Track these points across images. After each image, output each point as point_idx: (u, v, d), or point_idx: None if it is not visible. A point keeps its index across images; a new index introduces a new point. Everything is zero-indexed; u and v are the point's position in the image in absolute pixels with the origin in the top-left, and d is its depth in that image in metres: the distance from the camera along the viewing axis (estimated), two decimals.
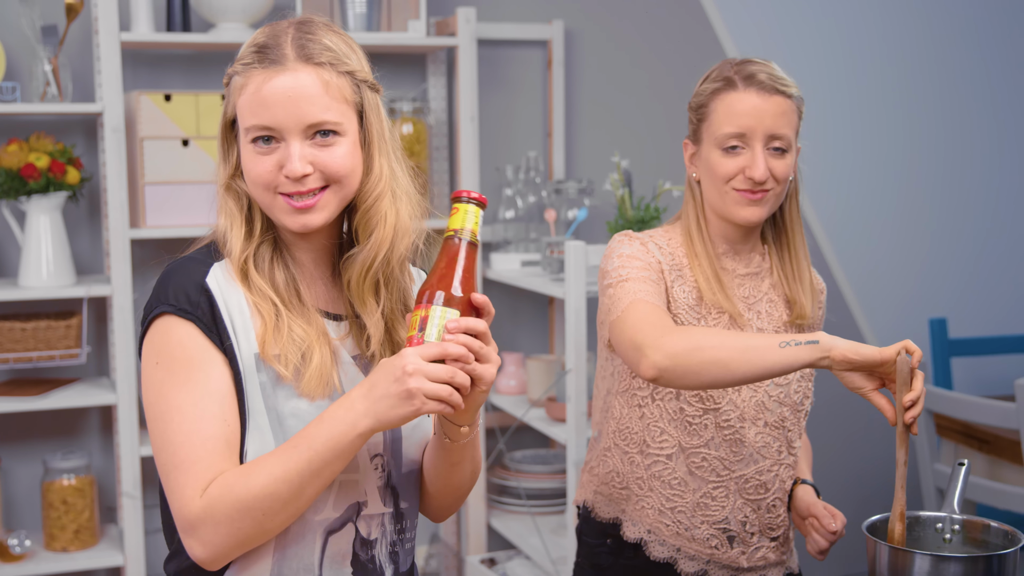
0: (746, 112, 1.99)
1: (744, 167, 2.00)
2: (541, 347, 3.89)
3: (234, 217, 1.62)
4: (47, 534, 3.27)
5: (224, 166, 1.63)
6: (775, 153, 2.00)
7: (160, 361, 1.55)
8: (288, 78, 1.55)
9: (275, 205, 1.58)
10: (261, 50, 1.57)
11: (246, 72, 1.57)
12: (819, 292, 2.20)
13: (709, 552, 2.09)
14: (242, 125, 1.58)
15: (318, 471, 1.49)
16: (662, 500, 2.08)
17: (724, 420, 2.05)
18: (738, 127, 2.00)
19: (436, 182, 3.72)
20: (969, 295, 4.32)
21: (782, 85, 2.00)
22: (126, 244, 3.20)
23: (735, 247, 2.10)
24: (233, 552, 1.53)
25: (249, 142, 1.57)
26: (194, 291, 1.56)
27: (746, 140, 2.00)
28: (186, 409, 1.52)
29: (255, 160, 1.57)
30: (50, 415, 3.43)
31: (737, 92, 2.01)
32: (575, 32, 3.86)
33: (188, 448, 1.51)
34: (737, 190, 2.02)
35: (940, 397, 3.26)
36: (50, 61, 3.20)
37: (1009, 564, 1.73)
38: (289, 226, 1.59)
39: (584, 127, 3.89)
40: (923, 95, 4.23)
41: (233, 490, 1.49)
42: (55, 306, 3.38)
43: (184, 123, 3.25)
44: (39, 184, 3.11)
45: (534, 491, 3.64)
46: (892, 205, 4.24)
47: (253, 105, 1.55)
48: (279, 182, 1.56)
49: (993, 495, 3.13)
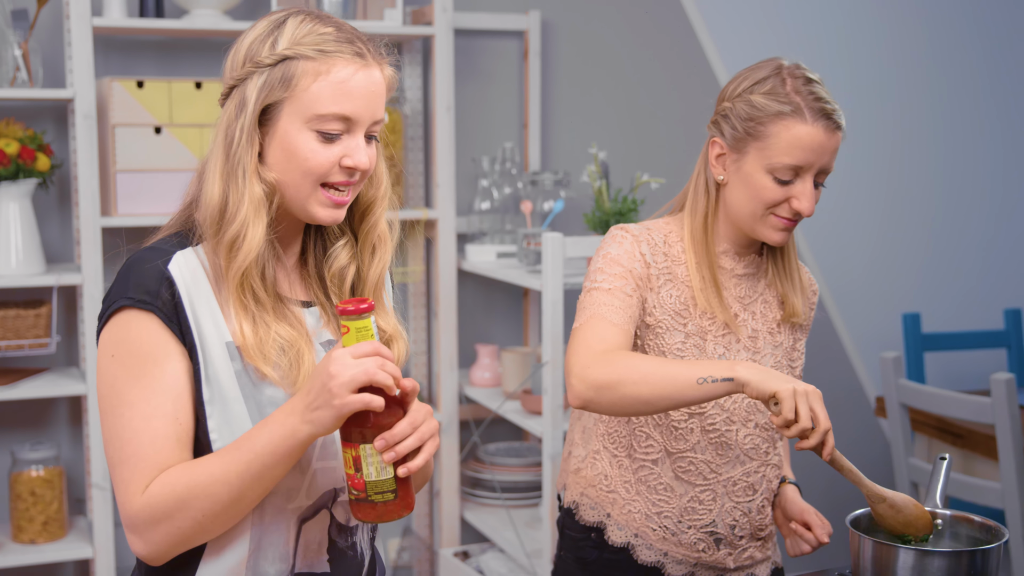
0: (812, 148, 1.92)
1: (791, 197, 1.95)
2: (516, 339, 3.87)
3: (261, 206, 1.56)
4: (15, 526, 3.23)
5: (248, 149, 1.55)
6: (817, 185, 1.96)
7: (116, 355, 1.53)
8: (374, 73, 1.57)
9: (313, 196, 1.57)
10: (344, 39, 1.56)
11: (324, 58, 1.54)
12: (812, 292, 2.19)
13: (696, 556, 2.07)
14: (313, 111, 1.54)
15: (259, 475, 1.48)
16: (648, 505, 2.06)
17: (710, 424, 2.03)
18: (799, 161, 1.92)
19: (411, 172, 3.69)
20: (942, 290, 4.34)
21: (839, 118, 1.94)
22: (97, 233, 3.16)
23: (737, 248, 2.08)
24: (173, 550, 1.53)
25: (312, 129, 1.54)
26: (154, 281, 1.53)
27: (801, 172, 1.94)
28: (138, 405, 1.51)
29: (314, 149, 1.55)
30: (18, 405, 3.38)
31: (806, 125, 1.92)
32: (552, 23, 3.84)
33: (135, 444, 1.50)
34: (778, 216, 1.97)
35: (915, 392, 3.26)
36: (20, 46, 3.15)
37: (992, 559, 1.73)
38: (320, 218, 1.58)
39: (560, 118, 3.87)
40: (896, 93, 4.24)
41: (174, 489, 1.48)
42: (24, 295, 3.33)
43: (157, 110, 3.21)
44: (8, 171, 3.06)
45: (508, 484, 3.62)
46: (865, 201, 4.24)
47: (336, 94, 1.54)
48: (331, 173, 1.56)
49: (967, 490, 3.13)
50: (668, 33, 3.94)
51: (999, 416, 2.99)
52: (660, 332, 2.01)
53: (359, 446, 1.48)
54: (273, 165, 1.57)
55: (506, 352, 3.46)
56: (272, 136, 1.56)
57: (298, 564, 1.62)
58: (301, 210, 1.59)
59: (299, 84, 1.54)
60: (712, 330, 2.04)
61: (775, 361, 2.08)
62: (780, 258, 2.10)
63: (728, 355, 2.04)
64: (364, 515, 1.51)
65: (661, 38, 3.94)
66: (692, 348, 2.02)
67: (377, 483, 1.48)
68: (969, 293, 4.38)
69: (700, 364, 1.82)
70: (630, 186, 3.49)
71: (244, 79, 1.56)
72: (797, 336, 2.14)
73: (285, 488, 1.58)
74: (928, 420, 3.42)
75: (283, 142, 1.55)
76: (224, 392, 1.54)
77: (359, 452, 1.48)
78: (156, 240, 1.61)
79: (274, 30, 1.57)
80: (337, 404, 1.44)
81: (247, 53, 1.57)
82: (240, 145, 1.55)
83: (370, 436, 1.47)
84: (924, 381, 3.93)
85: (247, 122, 1.55)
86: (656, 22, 3.94)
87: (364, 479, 1.48)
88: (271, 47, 1.56)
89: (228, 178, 1.56)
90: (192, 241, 1.60)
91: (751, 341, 2.06)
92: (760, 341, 2.07)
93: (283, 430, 1.46)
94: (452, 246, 3.56)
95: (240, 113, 1.56)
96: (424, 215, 3.53)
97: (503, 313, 3.86)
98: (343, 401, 1.44)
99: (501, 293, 3.85)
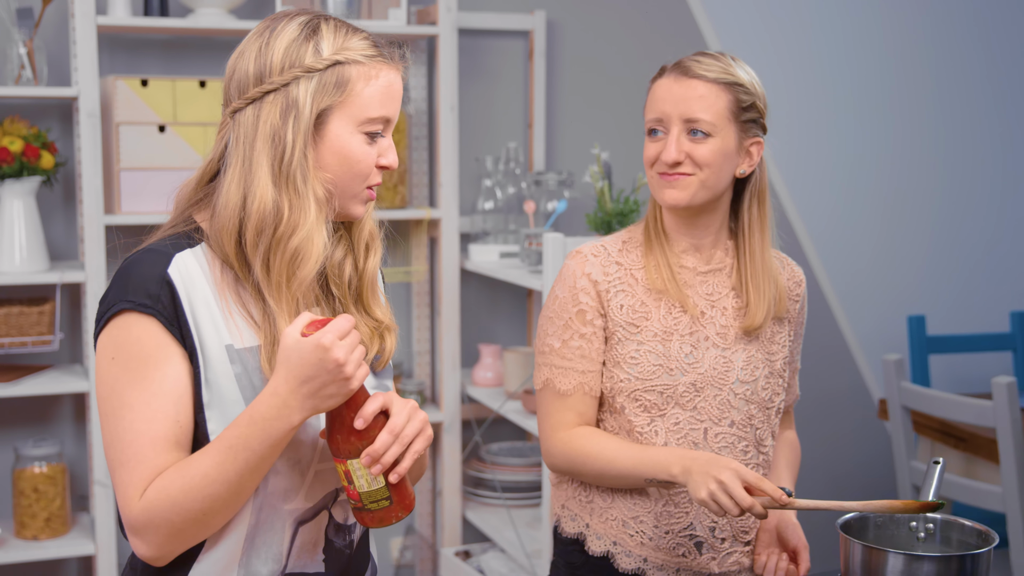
0: (662, 97, 2.01)
1: (662, 151, 2.01)
2: (519, 339, 3.87)
3: (322, 212, 1.58)
4: (18, 522, 3.24)
5: (307, 154, 1.56)
6: (695, 137, 1.99)
7: (116, 357, 1.52)
8: (399, 77, 1.63)
9: (360, 195, 1.62)
10: (376, 45, 1.61)
11: (371, 63, 1.58)
12: (795, 285, 2.16)
13: (677, 561, 2.05)
14: (365, 115, 1.58)
15: (256, 468, 1.49)
16: (624, 511, 2.06)
17: (673, 424, 2.02)
18: (656, 112, 2.02)
19: (415, 171, 3.70)
20: (948, 292, 4.32)
21: (704, 69, 1.99)
22: (100, 230, 3.17)
23: (696, 243, 2.07)
24: (178, 549, 1.54)
25: (363, 132, 1.58)
26: (154, 284, 1.53)
27: (664, 124, 2.01)
28: (138, 407, 1.51)
29: (363, 150, 1.59)
30: (22, 402, 3.39)
31: (660, 79, 2.04)
32: (557, 23, 3.84)
33: (136, 447, 1.51)
34: (659, 174, 2.02)
35: (917, 394, 3.25)
36: (25, 44, 3.16)
37: (982, 563, 1.72)
38: (358, 215, 1.64)
39: (565, 119, 3.87)
40: (906, 93, 4.23)
41: (169, 493, 1.49)
42: (28, 292, 3.34)
43: (161, 109, 3.22)
44: (12, 168, 3.08)
45: (510, 484, 3.63)
46: (873, 203, 4.23)
47: (384, 97, 1.59)
48: (372, 173, 1.61)
49: (969, 493, 3.12)
50: (674, 33, 3.94)
51: (1000, 420, 2.98)
52: (614, 343, 2.04)
53: (346, 461, 1.50)
54: (325, 169, 1.58)
55: (508, 352, 3.46)
56: (322, 140, 1.57)
57: (291, 564, 1.62)
58: (344, 210, 1.62)
59: (353, 89, 1.57)
60: (678, 330, 2.03)
61: (748, 356, 2.05)
62: (745, 260, 2.08)
63: (696, 353, 2.03)
64: (366, 522, 1.55)
65: (667, 38, 3.93)
66: (648, 354, 2.01)
67: (370, 493, 1.52)
68: (975, 295, 4.36)
69: (644, 462, 1.96)
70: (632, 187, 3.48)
71: (288, 84, 1.55)
72: (776, 329, 2.11)
73: (282, 489, 1.58)
74: (931, 423, 3.41)
75: (335, 146, 1.57)
76: (224, 395, 1.54)
77: (348, 467, 1.51)
78: (154, 241, 1.60)
79: (311, 35, 1.57)
80: (355, 386, 1.48)
81: (285, 57, 1.56)
82: (296, 150, 1.55)
83: (355, 451, 1.50)
84: (929, 383, 3.92)
85: (304, 126, 1.55)
86: (662, 23, 3.93)
87: (357, 491, 1.52)
88: (315, 52, 1.56)
89: (283, 186, 1.55)
90: (192, 241, 1.59)
91: (720, 338, 2.05)
92: (730, 338, 2.05)
93: (280, 424, 1.47)
94: (455, 246, 3.56)
95: (290, 117, 1.54)
96: (428, 214, 3.53)
97: (507, 313, 3.86)
98: (358, 382, 1.48)
99: (505, 293, 3.85)
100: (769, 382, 2.08)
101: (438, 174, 3.56)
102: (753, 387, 2.06)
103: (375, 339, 1.69)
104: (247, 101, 1.57)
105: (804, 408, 3.75)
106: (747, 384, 2.05)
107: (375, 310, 1.70)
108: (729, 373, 2.04)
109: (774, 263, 2.10)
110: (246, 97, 1.57)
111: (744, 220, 2.08)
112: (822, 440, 4.13)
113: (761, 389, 2.07)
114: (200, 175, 1.63)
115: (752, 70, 2.05)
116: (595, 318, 2.04)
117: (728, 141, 1.99)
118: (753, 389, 2.06)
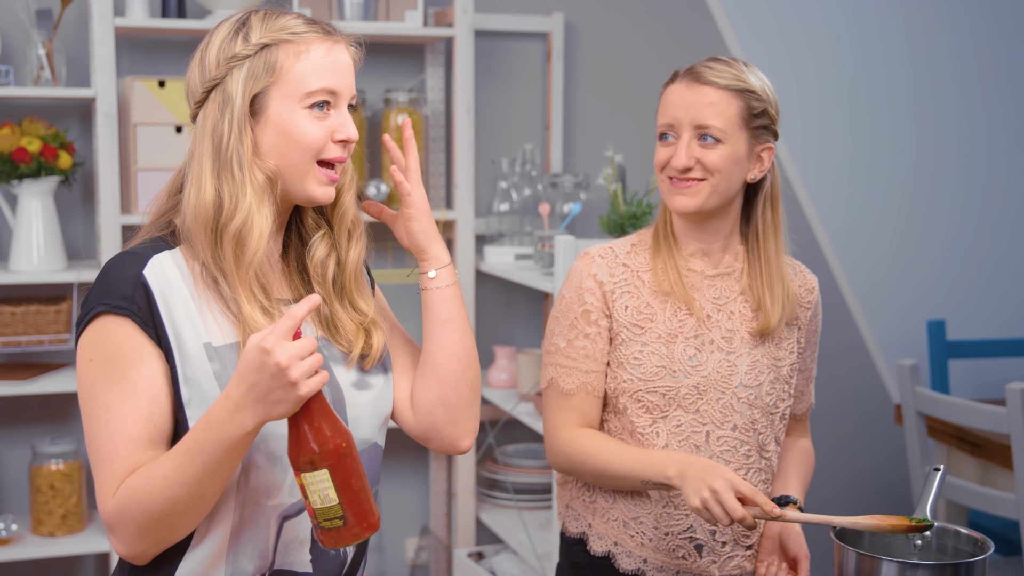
0: (674, 103, 2.02)
1: (672, 156, 2.02)
2: (535, 341, 3.87)
3: (264, 194, 1.59)
4: (34, 519, 3.27)
5: (242, 140, 1.58)
6: (705, 143, 1.99)
7: (94, 359, 1.55)
8: (343, 49, 1.62)
9: (310, 174, 1.61)
10: (310, 22, 1.61)
11: (300, 39, 1.59)
12: (807, 292, 2.16)
13: (677, 563, 2.05)
14: (302, 89, 1.58)
15: (214, 471, 1.49)
16: (625, 512, 2.06)
17: (675, 426, 2.03)
18: (667, 117, 2.03)
19: (432, 173, 3.71)
20: (968, 297, 4.29)
21: (715, 75, 1.99)
22: (117, 230, 3.20)
23: (705, 248, 2.08)
24: (150, 548, 1.55)
25: (304, 107, 1.58)
26: (129, 286, 1.55)
27: (675, 130, 2.02)
28: (113, 408, 1.53)
29: (309, 124, 1.59)
30: (39, 400, 3.43)
31: (672, 84, 2.04)
32: (575, 25, 3.84)
33: (110, 446, 1.53)
34: (670, 179, 2.03)
35: (931, 400, 3.23)
36: (44, 45, 3.19)
37: (977, 571, 1.71)
38: (318, 196, 1.62)
39: (583, 121, 3.87)
40: (927, 96, 4.20)
41: (135, 492, 1.50)
42: (45, 291, 3.38)
43: (178, 109, 3.25)
44: (31, 168, 3.11)
45: (522, 486, 3.63)
46: (893, 207, 4.20)
47: (320, 69, 1.59)
48: (327, 148, 1.60)
49: (983, 500, 3.10)
50: (693, 36, 3.92)
51: (1014, 426, 2.96)
52: (618, 344, 2.05)
53: (300, 474, 1.46)
54: (269, 152, 1.59)
55: (521, 354, 3.47)
56: (264, 124, 1.59)
57: (277, 561, 1.63)
58: (300, 192, 1.62)
59: (283, 67, 1.58)
60: (683, 332, 2.04)
61: (753, 360, 2.05)
62: (758, 264, 2.08)
63: (700, 356, 2.03)
64: (324, 542, 1.50)
65: (686, 41, 3.92)
66: (651, 355, 2.02)
67: (323, 510, 1.47)
68: (996, 300, 4.32)
69: (641, 464, 1.97)
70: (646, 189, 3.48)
71: (223, 78, 1.59)
72: (785, 335, 2.11)
73: (264, 484, 1.59)
74: (947, 429, 3.38)
75: (277, 125, 1.59)
76: (203, 393, 1.56)
77: (302, 480, 1.46)
78: (134, 244, 1.63)
79: (240, 28, 1.60)
80: (304, 393, 1.43)
81: (219, 55, 1.60)
82: (232, 138, 1.57)
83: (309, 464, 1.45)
84: (948, 388, 3.89)
85: (237, 114, 1.57)
86: (681, 25, 3.92)
87: (312, 507, 1.48)
88: (244, 41, 1.59)
89: (221, 175, 1.57)
90: (170, 244, 1.62)
91: (725, 342, 2.05)
92: (736, 342, 2.06)
93: (232, 428, 1.46)
94: (471, 247, 3.56)
95: (226, 109, 1.58)
96: (443, 216, 3.54)
97: (523, 315, 3.87)
98: (308, 389, 1.43)
99: (521, 295, 3.86)
100: (774, 387, 2.08)
101: (454, 176, 3.56)
102: (757, 391, 2.05)
103: (360, 334, 1.69)
104: (197, 106, 1.62)
105: (822, 411, 3.74)
106: (751, 388, 2.05)
107: (359, 302, 1.71)
108: (732, 377, 2.04)
109: (787, 268, 2.10)
110: (196, 102, 1.62)
111: (757, 225, 2.09)
112: (840, 443, 4.11)
113: (765, 394, 2.06)
114: (169, 186, 1.68)
115: (765, 76, 2.05)
116: (600, 319, 2.05)
117: (738, 147, 2.00)
118: (757, 394, 2.05)
